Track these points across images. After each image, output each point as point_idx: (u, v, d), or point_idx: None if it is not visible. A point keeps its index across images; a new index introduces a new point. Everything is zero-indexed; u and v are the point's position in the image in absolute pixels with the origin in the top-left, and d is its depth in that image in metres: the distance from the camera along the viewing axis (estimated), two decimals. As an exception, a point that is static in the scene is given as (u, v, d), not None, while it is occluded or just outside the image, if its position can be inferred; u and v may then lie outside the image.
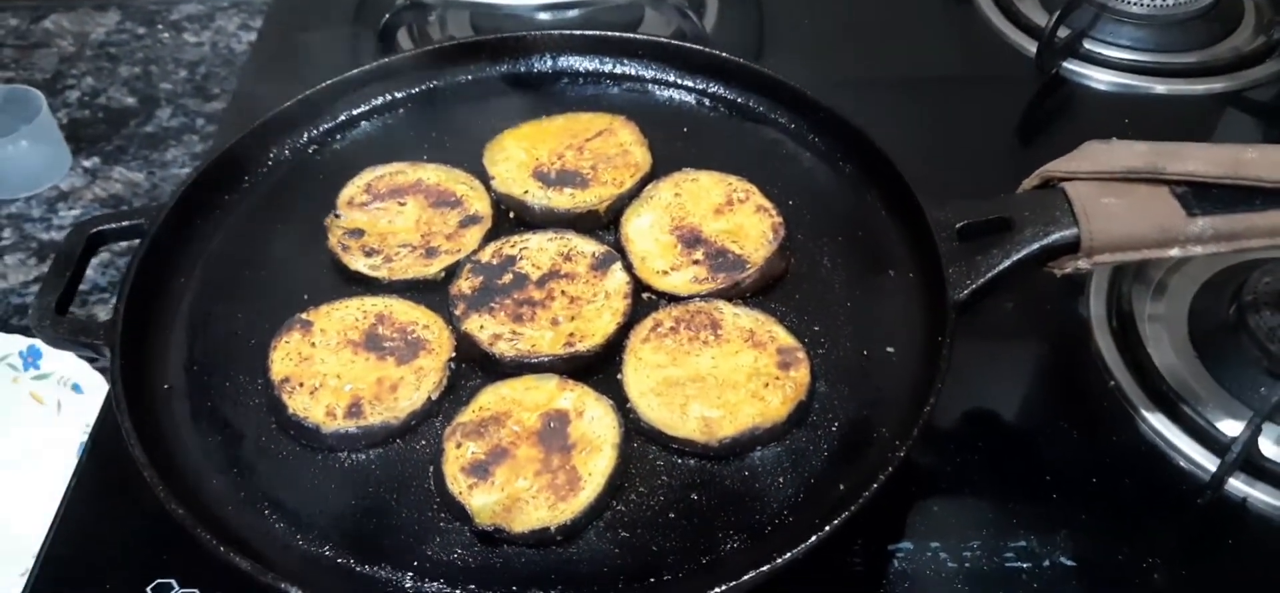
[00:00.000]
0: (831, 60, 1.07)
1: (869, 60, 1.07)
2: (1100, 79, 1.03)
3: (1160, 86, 1.03)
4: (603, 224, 0.76)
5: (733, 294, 0.71)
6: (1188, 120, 1.00)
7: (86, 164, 1.02)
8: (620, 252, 0.73)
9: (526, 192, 0.76)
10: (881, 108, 0.88)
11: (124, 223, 0.73)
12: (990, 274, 0.67)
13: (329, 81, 0.83)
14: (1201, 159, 0.66)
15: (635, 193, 0.77)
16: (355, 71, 0.84)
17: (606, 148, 0.79)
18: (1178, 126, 0.97)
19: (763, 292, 0.72)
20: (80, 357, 0.81)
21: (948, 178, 0.79)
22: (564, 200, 0.76)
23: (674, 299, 0.71)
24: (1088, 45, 1.05)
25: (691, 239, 0.74)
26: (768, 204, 0.75)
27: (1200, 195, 0.66)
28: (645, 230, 0.74)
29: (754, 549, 0.58)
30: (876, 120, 0.80)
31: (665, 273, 0.72)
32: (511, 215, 0.77)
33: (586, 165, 0.78)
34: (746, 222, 0.74)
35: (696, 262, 0.72)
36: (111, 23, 1.19)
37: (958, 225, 0.70)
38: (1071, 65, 1.04)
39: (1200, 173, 0.66)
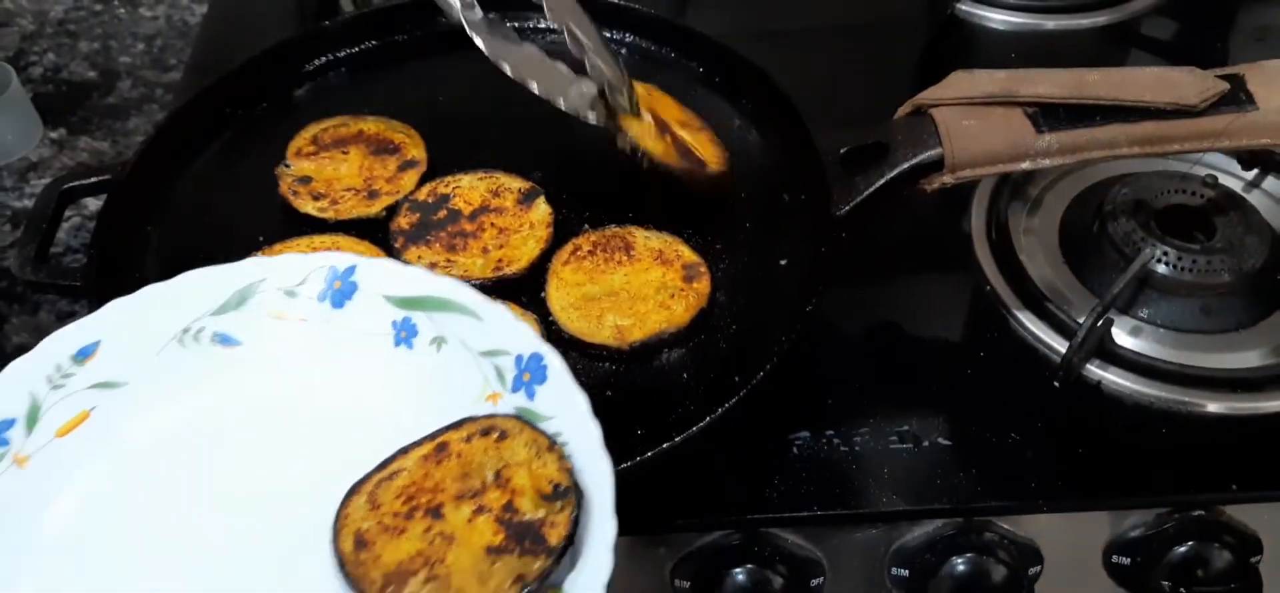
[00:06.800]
0: (745, 15, 1.14)
1: (779, 13, 1.15)
2: (993, 18, 1.12)
3: (1049, 22, 1.12)
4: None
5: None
6: (1072, 54, 1.09)
7: (53, 136, 1.08)
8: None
9: None
10: (790, 56, 0.95)
11: (93, 179, 0.81)
12: (867, 192, 0.75)
13: (274, 44, 0.91)
14: (1049, 82, 0.75)
15: None
16: (299, 34, 0.92)
17: None
18: (1062, 60, 1.06)
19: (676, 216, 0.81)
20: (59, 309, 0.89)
21: (849, 117, 0.87)
22: None
23: (593, 227, 0.80)
24: (981, -16, 1.13)
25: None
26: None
27: (1048, 114, 0.74)
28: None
29: (659, 435, 0.66)
30: (785, 67, 0.87)
31: None
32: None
33: None
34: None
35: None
36: (69, 0, 1.25)
37: (841, 151, 0.78)
38: (966, 6, 1.12)
39: (1048, 94, 0.74)
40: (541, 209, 0.79)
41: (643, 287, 0.74)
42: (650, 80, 0.92)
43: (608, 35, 0.95)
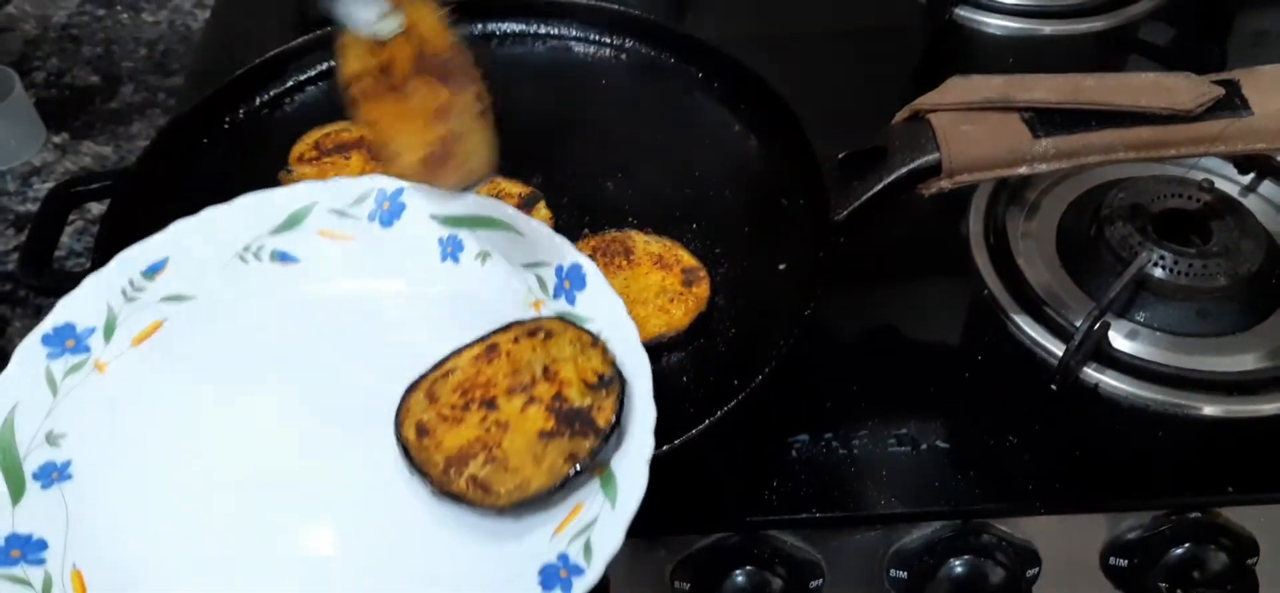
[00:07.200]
0: (743, 22, 1.15)
1: (778, 20, 1.15)
2: (991, 23, 1.12)
3: (1047, 28, 1.13)
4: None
5: None
6: (1069, 60, 1.09)
7: (56, 140, 1.08)
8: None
9: None
10: (788, 62, 0.97)
11: (96, 184, 0.82)
12: (865, 196, 0.76)
13: (277, 51, 0.91)
14: (1046, 88, 0.76)
15: None
16: (300, 40, 0.92)
17: None
18: (1060, 66, 1.06)
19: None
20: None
21: (847, 123, 0.87)
22: None
23: (593, 231, 0.80)
24: (981, -12, 1.14)
25: None
26: None
27: (1045, 119, 0.74)
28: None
29: (658, 437, 0.67)
30: (783, 73, 0.88)
31: None
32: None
33: None
34: None
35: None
36: (72, 5, 1.26)
37: (839, 156, 0.79)
38: (965, 11, 1.13)
39: (1044, 100, 0.75)
40: (541, 214, 0.80)
41: (642, 291, 0.75)
42: (650, 85, 0.93)
43: (608, 40, 0.96)
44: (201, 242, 0.68)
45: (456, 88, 0.65)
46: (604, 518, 0.57)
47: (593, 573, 0.56)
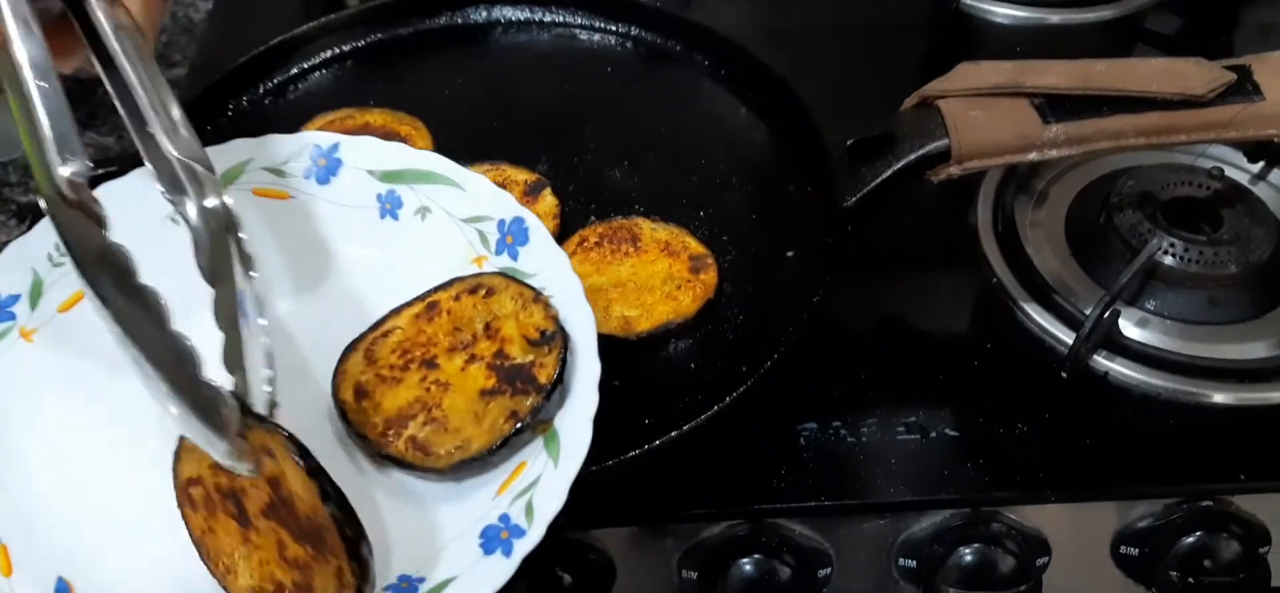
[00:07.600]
0: (751, 10, 1.14)
1: (785, 8, 1.14)
2: (998, 12, 1.12)
3: (1054, 17, 1.12)
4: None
5: None
6: (1076, 48, 1.09)
7: (58, 131, 1.08)
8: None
9: None
10: (796, 50, 0.97)
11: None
12: (874, 183, 0.76)
13: (279, 38, 0.91)
14: (1056, 73, 0.75)
15: None
16: (303, 28, 0.92)
17: None
18: (1066, 54, 1.05)
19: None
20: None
21: (855, 110, 0.87)
22: None
23: (600, 218, 0.80)
24: (988, -23, 1.13)
25: None
26: None
27: (1055, 105, 0.74)
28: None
29: (666, 424, 0.66)
30: (791, 61, 0.88)
31: None
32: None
33: None
34: None
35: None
36: (75, -3, 1.25)
37: (848, 142, 0.78)
38: (972, 0, 1.12)
39: (1055, 85, 0.75)
40: (548, 201, 0.80)
41: (650, 278, 0.75)
42: (657, 72, 0.92)
43: (613, 28, 0.96)
44: (130, 204, 0.64)
45: (318, 556, 0.51)
46: (547, 478, 0.56)
47: (534, 534, 0.54)
